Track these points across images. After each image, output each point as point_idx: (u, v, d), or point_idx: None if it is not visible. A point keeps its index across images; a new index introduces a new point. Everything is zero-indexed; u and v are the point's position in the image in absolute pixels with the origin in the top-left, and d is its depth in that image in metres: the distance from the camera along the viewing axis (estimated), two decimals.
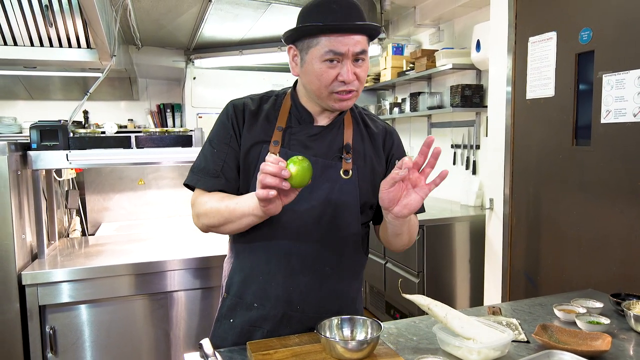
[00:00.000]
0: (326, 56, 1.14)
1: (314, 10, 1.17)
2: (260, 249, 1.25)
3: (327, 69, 1.15)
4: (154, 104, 5.67)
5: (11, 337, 1.81)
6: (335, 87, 1.17)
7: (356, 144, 1.29)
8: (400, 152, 1.38)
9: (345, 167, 1.24)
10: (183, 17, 3.67)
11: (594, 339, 1.14)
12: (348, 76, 1.15)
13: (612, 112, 2.07)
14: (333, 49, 1.13)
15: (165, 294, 2.01)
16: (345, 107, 1.23)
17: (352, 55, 1.15)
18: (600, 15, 2.13)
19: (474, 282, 3.27)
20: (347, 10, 1.14)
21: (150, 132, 2.27)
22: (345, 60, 1.15)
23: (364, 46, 1.17)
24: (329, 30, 1.13)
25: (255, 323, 1.25)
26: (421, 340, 1.21)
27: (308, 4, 1.19)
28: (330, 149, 1.26)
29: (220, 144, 1.26)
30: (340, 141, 1.27)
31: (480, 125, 3.59)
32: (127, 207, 2.97)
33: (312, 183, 1.18)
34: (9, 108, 5.14)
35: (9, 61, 2.63)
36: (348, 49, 1.14)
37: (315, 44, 1.15)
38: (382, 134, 1.35)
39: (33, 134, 2.01)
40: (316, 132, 1.26)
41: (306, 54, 1.18)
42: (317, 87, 1.19)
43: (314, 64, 1.16)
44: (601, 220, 2.16)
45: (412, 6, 4.15)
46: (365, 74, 1.20)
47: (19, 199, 1.90)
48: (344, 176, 1.24)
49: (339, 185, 1.23)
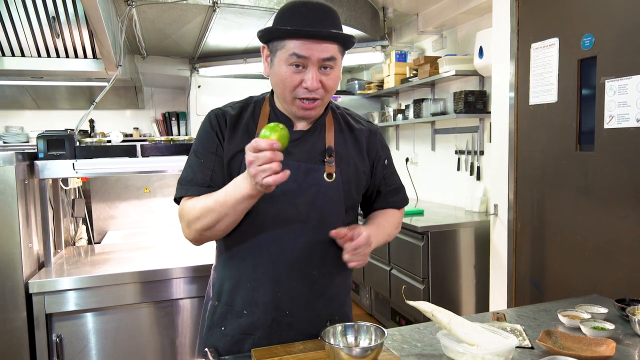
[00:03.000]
0: (291, 59, 1.13)
1: (287, 13, 1.16)
2: (247, 256, 1.25)
3: (292, 74, 1.14)
4: (159, 113, 5.71)
5: (18, 345, 1.82)
6: (298, 93, 1.16)
7: (338, 147, 1.28)
8: (386, 153, 1.40)
9: (329, 170, 1.24)
10: (188, 27, 3.71)
11: (599, 344, 1.14)
12: (312, 83, 1.14)
13: (615, 118, 2.08)
14: (297, 52, 1.12)
15: (170, 301, 2.02)
16: (309, 116, 1.22)
17: (318, 61, 1.13)
18: (602, 21, 2.14)
19: (479, 288, 3.26)
20: (319, 16, 1.13)
21: (155, 141, 2.29)
22: (311, 67, 1.14)
23: (332, 53, 1.14)
24: (294, 34, 1.12)
25: (246, 331, 1.25)
26: (425, 347, 1.21)
27: (285, 5, 1.19)
28: (312, 153, 1.25)
29: (206, 153, 1.25)
30: (322, 144, 1.26)
31: (484, 131, 3.60)
32: (133, 215, 2.99)
33: (297, 188, 1.22)
34: (16, 117, 5.19)
35: (17, 72, 2.67)
36: (313, 53, 1.12)
37: (282, 47, 1.14)
38: (366, 134, 1.34)
39: (40, 144, 2.03)
40: (297, 137, 1.25)
41: (275, 56, 1.17)
42: (282, 90, 1.19)
43: (280, 67, 1.16)
44: (606, 225, 2.15)
45: (415, 13, 4.17)
46: (333, 82, 1.18)
47: (26, 208, 1.92)
48: (327, 179, 1.24)
49: (323, 189, 1.23)
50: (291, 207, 1.22)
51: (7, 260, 1.82)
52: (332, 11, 1.17)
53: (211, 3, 3.05)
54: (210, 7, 3.11)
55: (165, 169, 2.25)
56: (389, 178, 1.40)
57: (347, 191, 1.26)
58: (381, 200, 1.41)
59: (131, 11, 2.97)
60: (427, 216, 3.54)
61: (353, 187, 1.29)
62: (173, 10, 3.24)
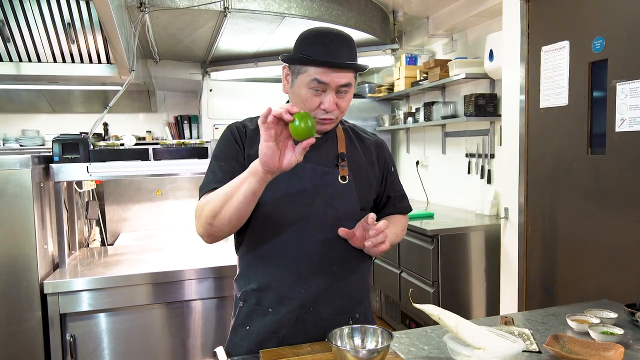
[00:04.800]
0: (312, 84, 1.23)
1: (309, 40, 1.26)
2: (269, 257, 1.30)
3: (312, 96, 1.24)
4: (171, 116, 5.77)
5: (33, 344, 1.86)
6: (317, 114, 1.26)
7: (349, 154, 1.39)
8: (393, 162, 1.53)
9: (342, 173, 1.34)
10: (199, 32, 3.75)
11: (607, 349, 1.13)
12: (330, 106, 1.24)
13: (626, 121, 2.06)
14: (318, 78, 1.22)
15: (181, 302, 2.05)
16: (324, 130, 1.33)
17: (336, 87, 1.24)
18: (613, 24, 2.12)
19: (489, 292, 3.24)
20: (338, 45, 1.24)
21: (167, 145, 2.32)
22: (329, 91, 1.24)
23: (348, 79, 1.25)
24: (318, 63, 1.22)
25: (270, 329, 1.28)
26: (432, 350, 1.22)
27: (307, 32, 1.28)
28: (326, 158, 1.35)
29: (226, 158, 1.31)
30: (334, 151, 1.37)
31: (494, 135, 3.58)
32: (145, 218, 3.03)
33: (314, 188, 1.30)
34: (32, 121, 5.29)
35: (34, 77, 2.72)
36: (332, 79, 1.22)
37: (304, 71, 1.24)
38: (374, 146, 1.46)
39: (55, 147, 2.08)
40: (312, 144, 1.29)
41: (296, 77, 1.26)
42: (302, 109, 1.23)
43: (301, 89, 1.25)
44: (617, 229, 2.13)
45: (425, 17, 4.18)
46: (346, 104, 1.30)
47: (42, 210, 1.96)
48: (341, 181, 1.33)
49: (338, 190, 1.32)
50: (309, 206, 1.29)
51: (22, 261, 1.86)
52: (350, 40, 1.28)
53: (222, 8, 3.09)
54: (221, 13, 3.14)
55: (177, 171, 2.29)
56: (397, 184, 1.52)
57: (359, 191, 1.36)
58: (390, 206, 1.51)
59: (144, 17, 3.02)
60: (438, 219, 3.53)
61: (365, 188, 1.38)
62: (185, 16, 3.28)
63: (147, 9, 2.92)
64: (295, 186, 1.29)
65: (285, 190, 1.29)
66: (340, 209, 1.32)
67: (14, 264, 1.85)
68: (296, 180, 1.29)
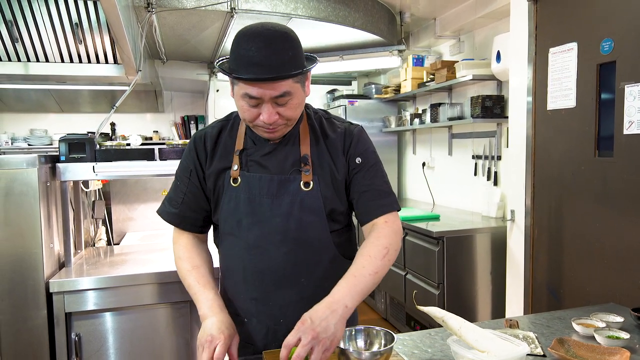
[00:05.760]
0: (245, 98, 1.13)
1: (238, 46, 1.11)
2: (237, 271, 1.30)
3: (249, 108, 1.15)
4: (178, 116, 5.80)
5: (39, 343, 1.87)
6: (258, 124, 1.18)
7: (314, 155, 1.27)
8: (361, 151, 1.29)
9: (305, 179, 1.24)
10: (206, 32, 3.77)
11: (612, 353, 1.12)
12: (267, 118, 1.14)
13: (635, 123, 2.04)
14: (248, 93, 1.12)
15: (186, 303, 2.05)
16: (273, 137, 1.23)
17: (271, 99, 1.12)
18: (622, 26, 2.11)
19: (495, 294, 3.22)
20: (267, 53, 1.08)
21: (173, 145, 2.33)
22: (265, 103, 1.13)
23: (285, 89, 1.12)
24: (240, 79, 1.10)
25: (245, 338, 1.29)
26: (436, 353, 1.21)
27: (239, 34, 1.13)
28: (285, 164, 1.26)
29: (182, 177, 1.34)
30: (296, 154, 1.26)
31: (501, 136, 3.56)
32: (151, 217, 3.03)
33: (271, 201, 1.24)
34: (40, 120, 5.34)
35: (42, 77, 2.75)
36: (264, 93, 1.11)
37: (236, 83, 1.15)
38: (341, 138, 1.29)
39: (62, 147, 2.09)
40: (269, 150, 1.27)
41: (233, 87, 1.18)
42: (243, 119, 1.22)
43: (238, 100, 1.17)
44: (625, 232, 2.11)
45: (433, 18, 4.16)
46: (292, 111, 1.17)
47: (48, 209, 1.97)
48: (304, 188, 1.24)
49: (300, 198, 1.24)
50: (269, 220, 1.24)
51: (29, 260, 1.87)
52: (285, 41, 1.11)
53: (229, 9, 3.10)
54: (228, 13, 3.15)
55: None
56: (367, 178, 1.28)
57: (326, 198, 1.25)
58: (362, 204, 1.28)
59: (151, 17, 3.03)
60: (443, 221, 3.52)
61: (333, 193, 1.27)
62: (192, 16, 3.30)
63: (154, 9, 2.93)
64: (254, 200, 1.24)
65: (244, 205, 1.25)
66: (303, 219, 1.23)
67: (20, 262, 1.86)
68: (254, 194, 1.24)
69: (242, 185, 1.26)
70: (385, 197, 1.27)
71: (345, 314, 1.07)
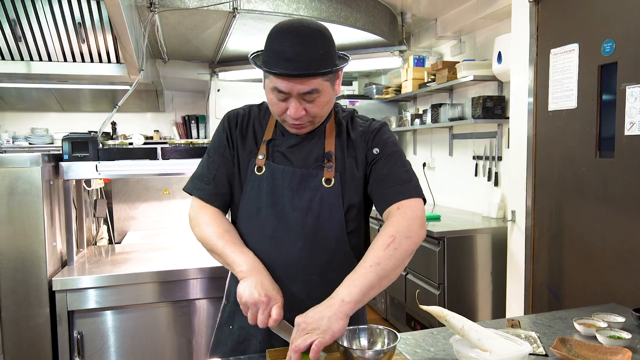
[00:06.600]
0: (274, 91, 1.16)
1: (273, 41, 1.14)
2: None
3: (277, 101, 1.17)
4: (179, 116, 5.81)
5: (41, 340, 1.88)
6: (285, 118, 1.20)
7: (338, 152, 1.27)
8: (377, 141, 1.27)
9: (327, 175, 1.24)
10: (208, 32, 3.77)
11: (614, 353, 1.13)
12: (295, 114, 1.16)
13: (636, 124, 2.05)
14: (277, 87, 1.14)
15: (187, 301, 2.06)
16: (300, 133, 1.25)
17: (298, 94, 1.14)
18: (623, 27, 2.11)
19: (495, 295, 3.23)
20: (300, 50, 1.10)
21: (176, 144, 2.34)
22: (292, 98, 1.15)
23: (313, 86, 1.13)
24: (272, 73, 1.13)
25: (250, 331, 1.28)
26: (438, 352, 1.22)
27: (274, 29, 1.16)
28: (308, 158, 1.26)
29: (215, 154, 1.33)
30: (320, 150, 1.27)
31: (502, 137, 3.57)
32: (153, 216, 3.04)
33: (292, 194, 1.24)
34: (41, 119, 5.34)
35: (44, 76, 2.75)
36: (293, 88, 1.13)
37: (267, 77, 1.18)
38: (361, 135, 1.29)
39: (65, 146, 2.09)
40: (295, 143, 1.28)
41: (264, 80, 1.20)
42: (272, 112, 1.24)
43: (268, 93, 1.20)
44: (625, 233, 2.12)
45: (434, 18, 4.17)
46: (319, 108, 1.18)
47: (51, 207, 1.98)
48: (325, 185, 1.24)
49: (320, 194, 1.23)
50: (287, 214, 1.24)
51: (31, 258, 1.88)
52: (319, 39, 1.13)
53: (231, 9, 3.10)
54: (230, 13, 3.16)
55: (184, 171, 2.29)
56: (387, 167, 1.25)
57: (346, 195, 1.25)
58: (378, 193, 1.25)
59: (154, 17, 3.04)
60: (444, 221, 3.52)
61: (353, 192, 1.27)
62: (194, 16, 3.30)
63: (156, 9, 2.94)
64: (275, 192, 1.25)
65: (266, 194, 1.25)
66: (321, 216, 1.23)
67: (22, 260, 1.87)
68: (277, 185, 1.25)
69: (266, 174, 1.26)
70: (403, 184, 1.22)
71: (342, 308, 1.05)
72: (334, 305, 1.06)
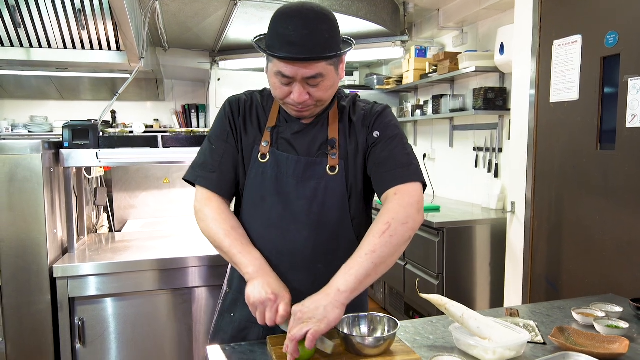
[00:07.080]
0: (278, 75, 1.15)
1: (276, 24, 1.13)
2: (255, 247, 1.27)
3: (281, 86, 1.16)
4: (179, 105, 5.79)
5: (43, 327, 1.89)
6: (288, 102, 1.19)
7: (342, 138, 1.27)
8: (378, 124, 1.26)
9: (331, 162, 1.23)
10: (209, 20, 3.75)
11: (612, 342, 1.14)
12: (299, 98, 1.15)
13: (637, 117, 2.05)
14: (281, 71, 1.13)
15: (187, 289, 2.07)
16: (302, 117, 1.24)
17: (302, 79, 1.13)
18: (627, 19, 2.10)
19: (494, 285, 3.25)
20: (304, 33, 1.09)
21: (177, 133, 2.33)
22: (297, 83, 1.14)
23: (318, 71, 1.12)
24: (275, 57, 1.12)
25: (252, 318, 1.25)
26: (437, 340, 1.23)
27: (278, 11, 1.15)
28: (312, 146, 1.25)
29: (218, 140, 1.30)
30: (324, 137, 1.26)
31: (503, 129, 3.57)
32: (153, 205, 3.05)
33: (297, 182, 1.22)
34: (41, 107, 5.33)
35: (43, 63, 2.74)
36: (297, 73, 1.12)
37: (271, 60, 1.16)
38: (362, 119, 1.28)
39: (65, 133, 2.09)
40: (299, 130, 1.27)
41: (268, 64, 1.19)
42: (275, 96, 1.22)
43: (271, 77, 1.18)
44: (625, 225, 2.13)
45: (436, 9, 4.15)
46: (323, 92, 1.17)
47: (52, 195, 1.98)
48: (330, 172, 1.23)
49: (324, 182, 1.23)
50: (293, 202, 1.24)
51: (32, 246, 1.88)
52: (322, 21, 1.12)
53: None
54: (231, 1, 3.14)
55: (185, 160, 2.29)
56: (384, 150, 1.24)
57: (350, 182, 1.25)
58: (376, 177, 1.25)
59: (154, 4, 3.02)
60: (444, 212, 3.53)
61: (356, 178, 1.27)
62: (195, 4, 3.28)
63: None
64: (279, 180, 1.24)
65: (270, 182, 1.25)
66: (326, 203, 1.23)
67: (23, 248, 1.87)
68: (282, 173, 1.24)
69: (270, 162, 1.25)
70: (402, 167, 1.21)
71: (338, 297, 1.06)
72: (330, 294, 1.07)
